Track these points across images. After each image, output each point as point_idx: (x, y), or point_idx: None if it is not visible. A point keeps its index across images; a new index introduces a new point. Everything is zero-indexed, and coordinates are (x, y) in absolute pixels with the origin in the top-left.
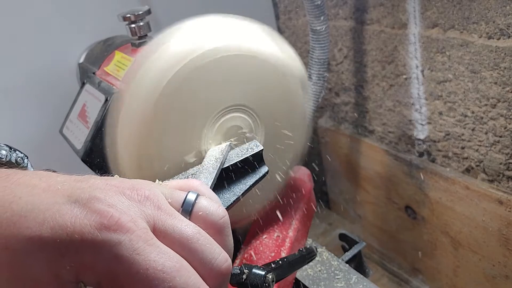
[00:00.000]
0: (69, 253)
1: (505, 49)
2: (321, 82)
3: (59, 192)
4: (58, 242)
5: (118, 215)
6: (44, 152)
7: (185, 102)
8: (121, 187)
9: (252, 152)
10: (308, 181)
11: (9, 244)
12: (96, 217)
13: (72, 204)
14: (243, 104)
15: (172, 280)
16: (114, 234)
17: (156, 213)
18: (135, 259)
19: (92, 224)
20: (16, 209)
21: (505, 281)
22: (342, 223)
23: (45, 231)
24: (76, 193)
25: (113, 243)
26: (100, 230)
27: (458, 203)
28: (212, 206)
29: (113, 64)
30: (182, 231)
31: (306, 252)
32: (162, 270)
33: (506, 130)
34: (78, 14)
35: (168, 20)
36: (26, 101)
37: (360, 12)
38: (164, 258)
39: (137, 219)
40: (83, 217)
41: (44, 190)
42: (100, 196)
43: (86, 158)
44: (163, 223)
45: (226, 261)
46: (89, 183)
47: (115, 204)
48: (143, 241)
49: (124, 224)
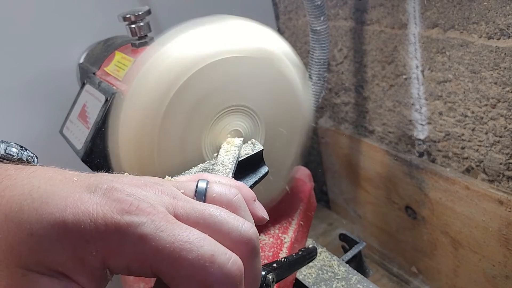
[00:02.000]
0: (94, 239)
1: (505, 49)
2: (321, 82)
3: (76, 183)
4: (82, 228)
5: (137, 202)
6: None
7: (185, 104)
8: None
9: (252, 152)
10: (308, 181)
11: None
12: (117, 204)
13: (92, 193)
14: (243, 104)
15: (199, 249)
16: (136, 217)
17: (174, 201)
18: (160, 236)
19: (114, 210)
20: (36, 196)
21: (505, 281)
22: (342, 223)
23: (69, 217)
24: (94, 183)
25: (137, 225)
26: (122, 215)
27: (458, 203)
28: (223, 188)
29: (113, 65)
30: (202, 210)
31: (306, 252)
32: (188, 241)
33: (506, 130)
34: (78, 14)
35: (168, 20)
36: (26, 101)
37: (360, 12)
38: (188, 232)
39: (157, 205)
40: (104, 204)
41: (61, 181)
42: (118, 187)
43: (86, 159)
44: (183, 207)
45: (251, 227)
46: (103, 177)
47: (133, 193)
48: (165, 220)
49: (144, 209)
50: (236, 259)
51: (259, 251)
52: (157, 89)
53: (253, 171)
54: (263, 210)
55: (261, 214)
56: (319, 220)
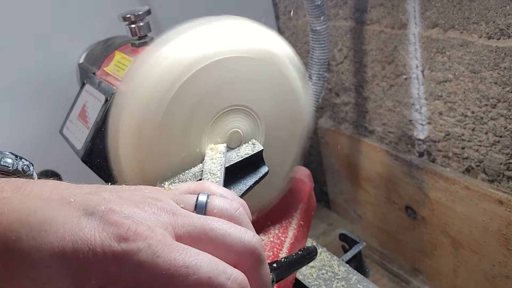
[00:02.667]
0: (93, 267)
1: (505, 49)
2: (321, 82)
3: (73, 205)
4: (82, 257)
5: (135, 226)
6: (44, 152)
7: (185, 104)
8: (133, 200)
9: (252, 152)
10: (308, 181)
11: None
12: (114, 229)
13: (89, 217)
14: (242, 104)
15: (196, 273)
16: (133, 244)
17: (173, 219)
18: (157, 262)
19: (111, 236)
20: (34, 224)
21: (505, 281)
22: (342, 223)
23: (67, 246)
24: (91, 206)
25: (134, 252)
26: (119, 242)
27: (458, 203)
28: (224, 202)
29: (113, 65)
30: (203, 225)
31: (306, 252)
32: (184, 265)
33: (506, 130)
34: (78, 14)
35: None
36: (26, 101)
37: (360, 12)
38: (184, 254)
39: (155, 228)
40: (102, 230)
41: (58, 203)
42: (115, 208)
43: (86, 159)
44: (183, 225)
45: (254, 236)
46: (101, 196)
47: (131, 215)
48: (162, 244)
49: (141, 233)
50: (236, 277)
51: (265, 259)
52: (157, 89)
53: (253, 171)
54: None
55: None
56: (319, 220)
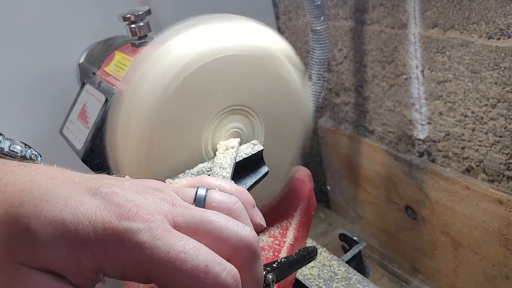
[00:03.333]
0: (91, 241)
1: (505, 49)
2: (321, 82)
3: (78, 184)
4: (80, 229)
5: (136, 209)
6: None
7: (185, 103)
8: (135, 189)
9: (252, 152)
10: (308, 181)
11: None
12: (116, 209)
13: (92, 196)
14: (243, 104)
15: (194, 259)
16: (134, 223)
17: (173, 209)
18: (156, 244)
19: (113, 215)
20: (37, 194)
21: (505, 281)
22: (342, 223)
23: (67, 217)
24: (95, 187)
25: (134, 231)
26: (120, 220)
27: (458, 203)
28: (223, 196)
29: (113, 65)
30: (202, 216)
31: (306, 252)
32: (183, 251)
33: (506, 130)
34: (78, 14)
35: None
36: (26, 101)
37: (360, 12)
38: (183, 241)
39: (155, 213)
40: (103, 208)
41: (63, 180)
42: (118, 192)
43: (86, 159)
44: (182, 215)
45: (251, 231)
46: (104, 181)
47: (133, 199)
48: (162, 229)
49: (142, 215)
50: (231, 269)
51: (259, 255)
52: (157, 88)
53: (253, 171)
54: (261, 217)
55: (259, 220)
56: (319, 220)
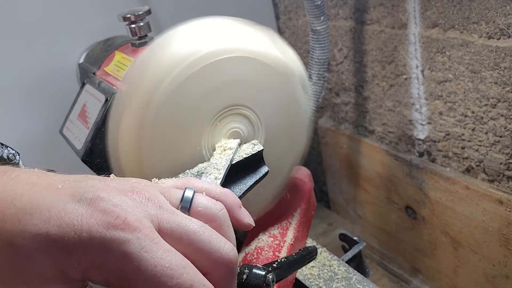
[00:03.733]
0: (77, 251)
1: (505, 49)
2: (321, 82)
3: (61, 191)
4: (66, 240)
5: (124, 214)
6: (44, 152)
7: (185, 103)
8: (122, 189)
9: (252, 152)
10: (308, 181)
11: (15, 240)
12: (103, 216)
13: (77, 203)
14: (243, 104)
15: (179, 277)
16: (122, 233)
17: (159, 212)
18: (144, 257)
19: (99, 223)
20: (19, 206)
21: (505, 281)
22: (342, 223)
23: (52, 229)
24: (79, 192)
25: (122, 241)
26: (108, 229)
27: (458, 203)
28: (209, 201)
29: (113, 65)
30: (187, 226)
31: (306, 252)
32: (170, 267)
33: (506, 130)
34: (78, 14)
35: (168, 20)
36: (26, 101)
37: (360, 12)
38: (171, 256)
39: (143, 219)
40: (89, 216)
41: (45, 188)
42: (104, 196)
43: (86, 158)
44: (168, 221)
45: (232, 249)
46: (88, 183)
47: (120, 204)
48: (150, 240)
49: (131, 223)
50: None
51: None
52: (157, 88)
53: (253, 171)
54: (249, 217)
55: (247, 221)
56: (319, 220)
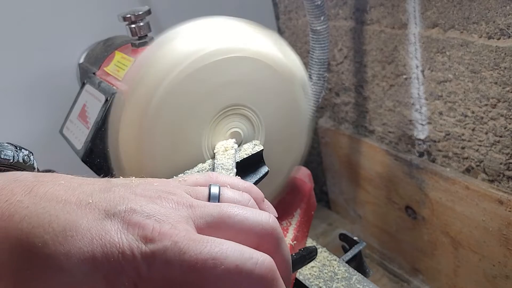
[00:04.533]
0: (124, 269)
1: (505, 49)
2: (321, 82)
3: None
4: (112, 260)
5: (158, 226)
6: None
7: (186, 103)
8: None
9: (252, 152)
10: (308, 181)
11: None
12: (139, 230)
13: (112, 218)
14: (243, 104)
15: (223, 262)
16: (160, 243)
17: (191, 211)
18: (183, 259)
19: (137, 238)
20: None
21: (505, 281)
22: (342, 223)
23: (97, 250)
24: (111, 206)
25: (161, 252)
26: (146, 243)
27: (458, 203)
28: (236, 194)
29: (113, 65)
30: (220, 212)
31: (306, 252)
32: (210, 257)
33: (506, 130)
34: (78, 14)
35: (168, 20)
36: (26, 101)
37: (360, 12)
38: (209, 246)
39: (177, 224)
40: (127, 232)
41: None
42: (136, 208)
43: (86, 159)
44: (201, 216)
45: (270, 216)
46: (116, 194)
47: (152, 214)
48: (187, 240)
49: (166, 232)
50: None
51: (283, 237)
52: (157, 88)
53: (253, 171)
54: (273, 209)
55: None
56: (319, 220)
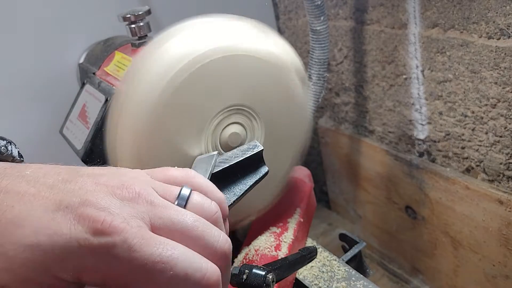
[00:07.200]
0: (69, 259)
1: (505, 49)
2: (321, 82)
3: (49, 198)
4: (57, 249)
5: (110, 219)
6: (44, 152)
7: (184, 103)
8: (111, 185)
9: (252, 152)
10: (308, 181)
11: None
12: (89, 223)
13: (65, 210)
14: (242, 104)
15: (172, 268)
16: (110, 237)
17: (150, 209)
18: (132, 257)
19: (87, 230)
20: (10, 217)
21: (505, 281)
22: (342, 223)
23: (43, 239)
24: (67, 198)
25: (110, 246)
26: (95, 235)
27: (458, 203)
28: (205, 202)
29: (113, 65)
30: (180, 221)
31: (306, 252)
32: (161, 261)
33: (506, 130)
34: (78, 14)
35: (168, 20)
36: (26, 101)
37: (360, 12)
38: (161, 249)
39: (130, 219)
40: (77, 223)
41: (34, 196)
42: (91, 200)
43: (86, 159)
44: (160, 217)
45: (227, 241)
46: (77, 184)
47: (107, 206)
48: (138, 237)
49: (117, 226)
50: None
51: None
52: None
53: (253, 171)
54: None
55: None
56: (319, 220)
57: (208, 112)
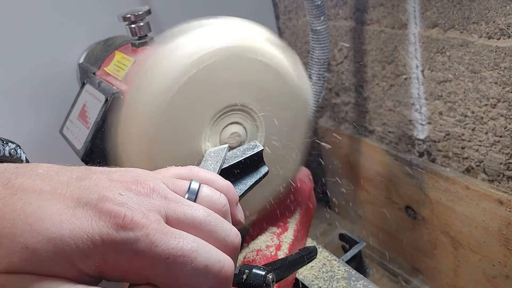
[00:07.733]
0: (92, 254)
1: (505, 49)
2: (321, 82)
3: (67, 196)
4: (80, 243)
5: (131, 214)
6: (44, 152)
7: (187, 103)
8: (125, 181)
9: (252, 152)
10: (308, 181)
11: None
12: (111, 218)
13: (84, 207)
14: (243, 104)
15: (193, 261)
16: (131, 232)
17: (165, 203)
18: (154, 252)
19: (109, 225)
20: (29, 212)
21: (505, 281)
22: (342, 223)
23: (65, 233)
24: (84, 195)
25: (132, 241)
26: (117, 230)
27: (458, 203)
28: (214, 195)
29: (113, 64)
30: (193, 216)
31: (306, 252)
32: (182, 254)
33: (506, 130)
34: (78, 14)
35: (168, 20)
36: (26, 101)
37: (360, 12)
38: (182, 243)
39: (149, 213)
40: (99, 219)
41: (51, 194)
42: (109, 195)
43: (86, 159)
44: (174, 211)
45: (237, 235)
46: (92, 180)
47: (125, 202)
48: (159, 233)
49: (138, 221)
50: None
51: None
52: (158, 89)
53: (253, 171)
54: (242, 215)
55: (239, 218)
56: (319, 220)
57: (210, 111)
